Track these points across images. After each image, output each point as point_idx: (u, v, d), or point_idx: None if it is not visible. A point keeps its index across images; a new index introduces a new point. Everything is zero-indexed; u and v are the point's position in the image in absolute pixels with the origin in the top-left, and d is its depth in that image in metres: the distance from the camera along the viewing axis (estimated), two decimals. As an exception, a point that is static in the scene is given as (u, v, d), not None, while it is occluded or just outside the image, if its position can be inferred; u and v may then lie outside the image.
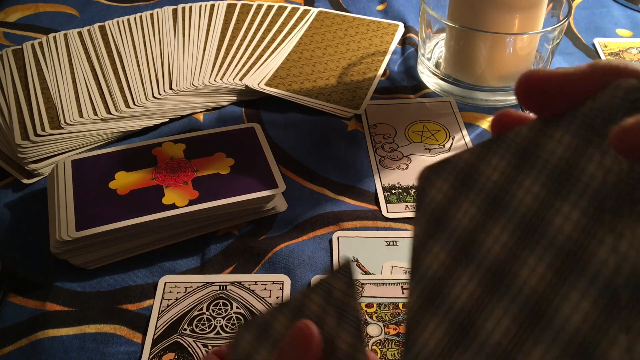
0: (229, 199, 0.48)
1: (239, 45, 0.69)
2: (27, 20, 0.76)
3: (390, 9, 0.78)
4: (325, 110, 0.62)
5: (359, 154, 0.58)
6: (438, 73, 0.65)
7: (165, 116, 0.61)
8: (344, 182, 0.55)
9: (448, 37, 0.63)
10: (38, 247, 0.49)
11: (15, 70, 0.64)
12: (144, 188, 0.49)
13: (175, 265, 0.48)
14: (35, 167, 0.55)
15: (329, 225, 0.50)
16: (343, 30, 0.73)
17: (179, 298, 0.45)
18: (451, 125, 0.61)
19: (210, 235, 0.50)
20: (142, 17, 0.73)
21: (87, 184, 0.49)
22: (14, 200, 0.53)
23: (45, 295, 0.45)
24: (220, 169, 0.51)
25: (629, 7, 0.80)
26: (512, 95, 0.63)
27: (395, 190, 0.54)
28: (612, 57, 0.70)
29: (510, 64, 0.61)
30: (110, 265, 0.47)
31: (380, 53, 0.69)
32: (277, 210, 0.52)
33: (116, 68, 0.65)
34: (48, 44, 0.68)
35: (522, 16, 0.58)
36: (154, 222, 0.46)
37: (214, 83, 0.63)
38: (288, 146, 0.58)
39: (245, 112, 0.62)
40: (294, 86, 0.64)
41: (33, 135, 0.55)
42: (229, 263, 0.48)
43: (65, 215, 0.46)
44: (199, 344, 0.42)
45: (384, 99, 0.64)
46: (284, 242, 0.49)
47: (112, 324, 0.44)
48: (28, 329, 0.43)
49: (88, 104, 0.60)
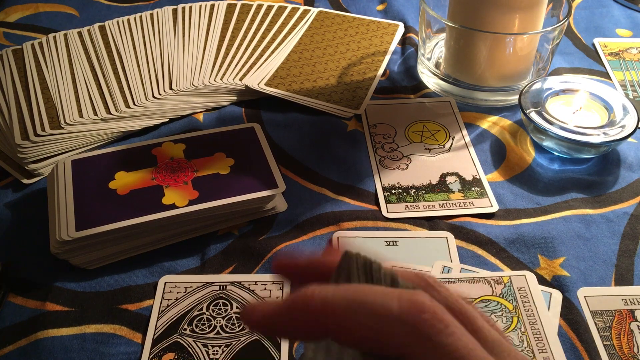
0: (229, 199, 0.48)
1: (239, 45, 0.69)
2: (27, 20, 0.76)
3: (390, 9, 0.78)
4: (325, 110, 0.62)
5: (359, 154, 0.58)
6: (438, 73, 0.65)
7: (165, 116, 0.61)
8: (344, 182, 0.55)
9: (448, 37, 0.63)
10: (38, 247, 0.49)
11: (15, 70, 0.65)
12: (144, 188, 0.49)
13: (175, 265, 0.48)
14: (35, 167, 0.55)
15: (329, 225, 0.50)
16: (343, 30, 0.73)
17: (179, 298, 0.45)
18: (451, 125, 0.61)
19: (210, 235, 0.50)
20: (142, 17, 0.73)
21: (87, 184, 0.49)
22: (14, 200, 0.53)
23: (45, 295, 0.45)
24: (220, 169, 0.51)
25: (629, 7, 0.80)
26: (512, 95, 0.63)
27: (395, 190, 0.54)
28: (611, 56, 0.70)
29: (510, 64, 0.61)
30: (110, 265, 0.47)
31: (380, 53, 0.69)
32: (277, 210, 0.52)
33: (116, 68, 0.65)
34: (48, 44, 0.68)
35: (522, 16, 0.58)
36: (154, 222, 0.46)
37: (214, 83, 0.63)
38: (288, 146, 0.58)
39: (245, 112, 0.62)
40: (294, 86, 0.64)
41: (33, 135, 0.55)
42: (229, 263, 0.48)
43: (65, 215, 0.46)
44: (199, 344, 0.42)
45: (384, 99, 0.64)
46: (284, 242, 0.49)
47: (112, 324, 0.44)
48: (28, 329, 0.43)
49: (88, 104, 0.60)
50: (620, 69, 0.68)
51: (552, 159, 0.57)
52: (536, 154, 0.58)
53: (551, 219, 0.51)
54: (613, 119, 0.56)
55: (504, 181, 0.55)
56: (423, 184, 0.54)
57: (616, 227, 0.50)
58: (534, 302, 0.44)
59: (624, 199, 0.53)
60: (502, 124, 0.61)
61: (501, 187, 0.54)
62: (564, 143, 0.55)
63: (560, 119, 0.56)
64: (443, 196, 0.53)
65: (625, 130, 0.54)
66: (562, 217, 0.51)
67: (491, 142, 0.59)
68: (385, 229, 0.50)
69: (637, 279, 0.46)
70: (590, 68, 0.69)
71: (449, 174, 0.55)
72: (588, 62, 0.70)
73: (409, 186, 0.54)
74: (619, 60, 0.70)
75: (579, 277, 0.46)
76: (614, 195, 0.53)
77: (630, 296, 0.45)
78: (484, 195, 0.53)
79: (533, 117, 0.56)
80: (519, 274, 0.46)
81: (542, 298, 0.44)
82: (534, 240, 0.49)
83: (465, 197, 0.53)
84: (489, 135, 0.60)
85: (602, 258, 0.48)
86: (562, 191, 0.54)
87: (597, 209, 0.52)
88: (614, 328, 0.43)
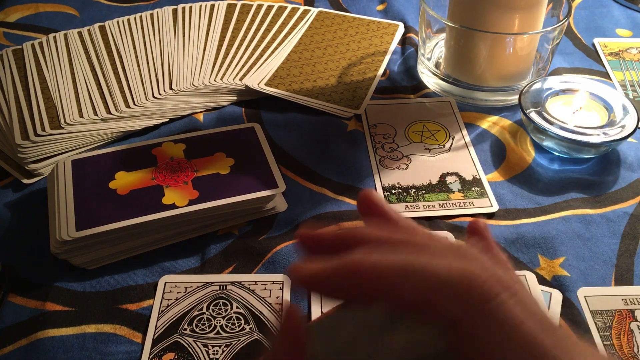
0: (229, 199, 0.48)
1: (239, 45, 0.69)
2: (27, 20, 0.76)
3: (390, 9, 0.78)
4: (325, 110, 0.62)
5: (359, 154, 0.58)
6: (438, 73, 0.65)
7: (165, 116, 0.61)
8: (344, 182, 0.55)
9: (448, 37, 0.63)
10: (38, 247, 0.49)
11: (15, 70, 0.65)
12: (144, 188, 0.49)
13: (175, 265, 0.48)
14: (35, 167, 0.55)
15: (329, 225, 0.50)
16: (343, 30, 0.73)
17: (179, 298, 0.45)
18: (451, 125, 0.61)
19: (210, 235, 0.50)
20: (142, 17, 0.73)
21: (87, 184, 0.49)
22: (14, 200, 0.53)
23: (45, 295, 0.45)
24: (220, 169, 0.51)
25: (629, 7, 0.80)
26: (512, 95, 0.63)
27: (395, 190, 0.54)
28: (611, 56, 0.70)
29: (510, 64, 0.61)
30: (110, 265, 0.47)
31: (380, 53, 0.69)
32: (277, 210, 0.52)
33: (116, 68, 0.65)
34: (48, 44, 0.68)
35: (522, 16, 0.58)
36: (154, 222, 0.46)
37: (214, 83, 0.63)
38: (288, 146, 0.58)
39: (245, 112, 0.62)
40: (294, 86, 0.64)
41: (33, 135, 0.55)
42: (229, 263, 0.48)
43: (65, 215, 0.46)
44: (199, 344, 0.42)
45: (384, 99, 0.64)
46: (284, 242, 0.49)
47: (112, 324, 0.44)
48: (28, 329, 0.43)
49: (88, 104, 0.60)
50: (620, 69, 0.68)
51: (552, 159, 0.57)
52: (536, 154, 0.58)
53: (551, 219, 0.51)
54: (613, 119, 0.56)
55: (504, 181, 0.55)
56: (423, 184, 0.54)
57: (616, 227, 0.50)
58: (534, 302, 0.44)
59: (624, 199, 0.53)
60: (502, 124, 0.61)
61: (501, 187, 0.54)
62: (564, 143, 0.55)
63: (560, 119, 0.56)
64: (443, 196, 0.53)
65: (625, 130, 0.54)
66: (562, 217, 0.51)
67: (491, 142, 0.59)
68: (385, 229, 0.50)
69: (637, 279, 0.46)
70: (590, 68, 0.69)
71: (449, 174, 0.55)
72: (588, 62, 0.70)
73: (409, 186, 0.54)
74: (619, 60, 0.70)
75: (579, 277, 0.46)
76: (614, 195, 0.53)
77: (630, 296, 0.45)
78: (484, 195, 0.53)
79: (533, 117, 0.56)
80: (519, 273, 0.46)
81: (542, 298, 0.44)
82: (534, 240, 0.49)
83: (465, 197, 0.53)
84: (489, 135, 0.60)
85: (602, 258, 0.48)
86: (562, 191, 0.54)
87: (597, 209, 0.52)
88: (614, 328, 0.43)
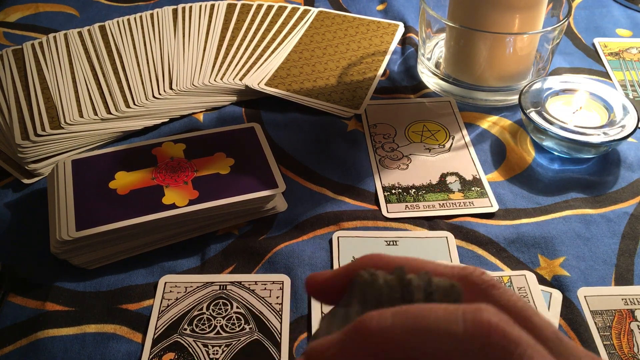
0: (229, 199, 0.48)
1: (239, 45, 0.69)
2: (27, 20, 0.76)
3: (390, 9, 0.78)
4: (325, 110, 0.62)
5: (359, 154, 0.58)
6: (438, 73, 0.65)
7: (165, 116, 0.61)
8: (344, 182, 0.55)
9: (448, 37, 0.63)
10: (38, 247, 0.49)
11: (15, 70, 0.65)
12: (144, 188, 0.49)
13: (175, 265, 0.48)
14: (35, 167, 0.55)
15: (329, 225, 0.50)
16: (343, 30, 0.73)
17: (179, 298, 0.45)
18: (451, 125, 0.61)
19: (210, 235, 0.50)
20: (142, 17, 0.73)
21: (87, 184, 0.49)
22: (14, 200, 0.53)
23: (45, 295, 0.45)
24: (220, 169, 0.51)
25: (629, 7, 0.80)
26: (512, 95, 0.63)
27: (395, 190, 0.54)
28: (611, 56, 0.70)
29: (510, 64, 0.61)
30: (110, 265, 0.47)
31: (380, 53, 0.69)
32: (277, 210, 0.52)
33: (116, 68, 0.65)
34: (48, 44, 0.68)
35: (522, 16, 0.58)
36: (154, 222, 0.46)
37: (214, 83, 0.63)
38: (288, 146, 0.58)
39: (245, 112, 0.62)
40: (294, 86, 0.64)
41: (33, 135, 0.55)
42: (229, 263, 0.48)
43: (65, 215, 0.46)
44: (199, 344, 0.42)
45: (384, 99, 0.64)
46: (284, 242, 0.49)
47: (112, 324, 0.44)
48: (28, 329, 0.43)
49: (88, 104, 0.60)
50: (620, 69, 0.68)
51: (552, 158, 0.57)
52: (536, 154, 0.58)
53: (551, 219, 0.51)
54: (613, 118, 0.56)
55: (504, 181, 0.55)
56: (423, 184, 0.54)
57: (616, 227, 0.50)
58: (534, 302, 0.44)
59: (624, 199, 0.53)
60: (502, 124, 0.61)
61: (501, 187, 0.54)
62: (564, 143, 0.55)
63: (560, 119, 0.56)
64: (443, 196, 0.53)
65: (625, 130, 0.54)
66: (562, 217, 0.51)
67: (491, 142, 0.59)
68: (385, 228, 0.50)
69: (637, 279, 0.46)
70: (590, 68, 0.69)
71: (449, 173, 0.55)
72: (588, 62, 0.70)
73: (409, 186, 0.54)
74: (619, 60, 0.70)
75: (579, 277, 0.46)
76: (614, 195, 0.53)
77: (630, 296, 0.45)
78: (484, 195, 0.53)
79: (533, 117, 0.56)
80: (519, 273, 0.46)
81: (542, 298, 0.44)
82: (534, 240, 0.49)
83: (465, 197, 0.53)
84: (489, 135, 0.60)
85: (602, 258, 0.48)
86: (562, 191, 0.54)
87: (597, 208, 0.52)
88: (614, 328, 0.43)
